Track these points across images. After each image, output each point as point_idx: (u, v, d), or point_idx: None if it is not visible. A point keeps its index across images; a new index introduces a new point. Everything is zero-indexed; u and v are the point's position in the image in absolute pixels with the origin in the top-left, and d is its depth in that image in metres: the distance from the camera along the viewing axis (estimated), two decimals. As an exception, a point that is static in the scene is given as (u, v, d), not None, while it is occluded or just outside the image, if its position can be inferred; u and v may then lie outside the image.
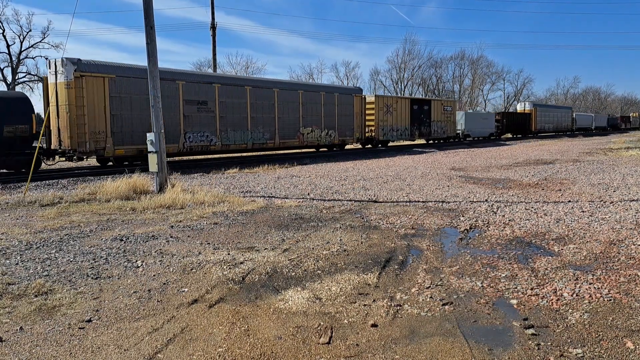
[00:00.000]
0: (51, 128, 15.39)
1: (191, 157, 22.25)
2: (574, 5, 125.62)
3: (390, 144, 32.51)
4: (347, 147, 28.54)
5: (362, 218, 8.13)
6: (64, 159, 16.07)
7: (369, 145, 29.70)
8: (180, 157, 21.35)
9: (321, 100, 24.50)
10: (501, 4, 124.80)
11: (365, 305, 4.29)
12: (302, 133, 23.47)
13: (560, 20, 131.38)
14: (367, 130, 28.15)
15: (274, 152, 24.46)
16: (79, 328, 3.85)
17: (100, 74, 15.52)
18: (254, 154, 23.32)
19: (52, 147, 15.63)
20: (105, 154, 15.91)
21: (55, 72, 14.97)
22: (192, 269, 5.35)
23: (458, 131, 38.21)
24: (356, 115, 26.65)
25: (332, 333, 3.74)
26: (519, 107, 54.90)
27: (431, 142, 35.98)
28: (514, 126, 48.50)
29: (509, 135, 49.90)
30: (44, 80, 15.97)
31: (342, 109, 25.68)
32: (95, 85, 15.39)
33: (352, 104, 26.43)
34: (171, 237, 6.87)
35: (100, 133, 15.56)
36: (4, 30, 46.99)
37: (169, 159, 13.40)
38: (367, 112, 27.88)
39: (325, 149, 26.61)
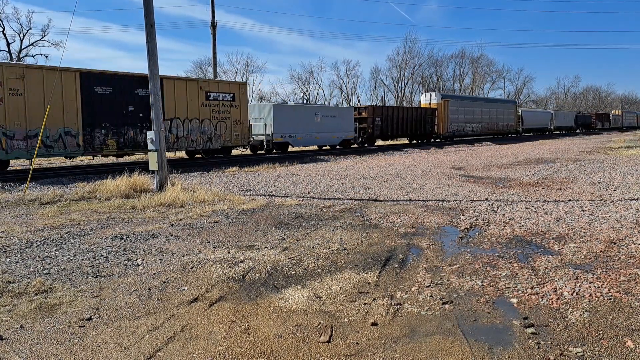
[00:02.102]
0: None
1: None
2: (574, 4, 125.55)
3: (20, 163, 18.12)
4: None
5: (363, 217, 8.13)
6: None
7: None
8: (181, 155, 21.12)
9: None
10: (502, 2, 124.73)
11: (365, 304, 4.30)
12: None
13: (560, 18, 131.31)
14: None
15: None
16: (79, 326, 3.85)
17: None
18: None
19: None
20: None
21: None
22: (192, 268, 5.35)
23: (260, 137, 22.90)
24: None
25: (332, 332, 3.74)
26: (423, 100, 38.36)
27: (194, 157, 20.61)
28: (406, 127, 33.12)
29: (404, 141, 35.61)
30: None
31: None
32: None
33: None
34: (171, 235, 6.87)
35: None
36: (4, 29, 47.00)
37: None
38: None
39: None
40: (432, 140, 36.80)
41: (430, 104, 37.20)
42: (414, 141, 35.43)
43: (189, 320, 3.96)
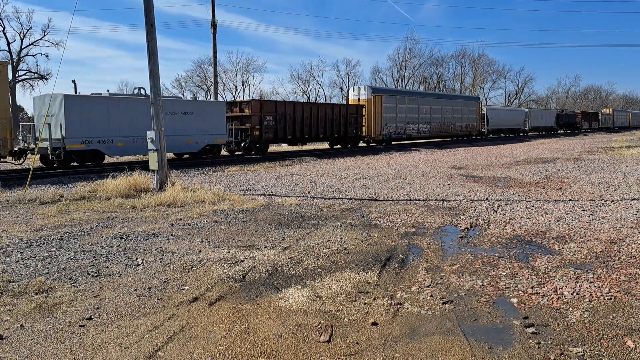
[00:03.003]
0: None
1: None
2: (575, 3, 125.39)
3: None
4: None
5: (363, 216, 8.12)
6: None
7: None
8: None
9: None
10: (502, 2, 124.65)
11: (365, 303, 4.29)
12: None
13: (561, 18, 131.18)
14: None
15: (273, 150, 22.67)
16: (80, 326, 3.85)
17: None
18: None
19: None
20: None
21: None
22: (192, 267, 5.35)
23: (45, 143, 15.86)
24: None
25: (332, 331, 3.74)
26: (351, 95, 30.86)
27: None
28: (320, 129, 25.83)
29: (320, 147, 29.72)
30: None
31: None
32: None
33: None
34: (171, 235, 6.87)
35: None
36: (4, 28, 46.96)
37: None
38: None
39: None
40: (366, 144, 30.16)
41: (359, 99, 29.19)
42: (337, 146, 28.25)
43: (189, 320, 3.96)
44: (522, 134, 48.43)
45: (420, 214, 8.28)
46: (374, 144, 30.62)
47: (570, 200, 9.48)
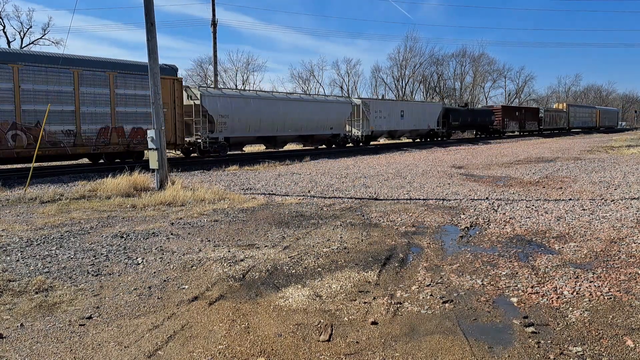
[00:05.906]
0: None
1: (192, 155, 22.21)
2: (575, 2, 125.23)
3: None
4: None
5: (363, 215, 8.12)
6: None
7: None
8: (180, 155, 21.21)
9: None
10: (503, 1, 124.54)
11: (365, 302, 4.30)
12: None
13: (562, 17, 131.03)
14: None
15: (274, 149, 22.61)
16: (80, 325, 3.86)
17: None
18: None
19: None
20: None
21: None
22: (192, 266, 5.36)
23: None
24: None
25: (332, 330, 3.74)
26: None
27: None
28: None
29: None
30: None
31: None
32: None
33: None
34: (171, 234, 6.88)
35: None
36: (4, 27, 46.98)
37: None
38: None
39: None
40: None
41: None
42: None
43: (189, 319, 3.96)
44: (349, 145, 27.38)
45: (420, 213, 8.28)
46: None
47: (570, 199, 9.48)
